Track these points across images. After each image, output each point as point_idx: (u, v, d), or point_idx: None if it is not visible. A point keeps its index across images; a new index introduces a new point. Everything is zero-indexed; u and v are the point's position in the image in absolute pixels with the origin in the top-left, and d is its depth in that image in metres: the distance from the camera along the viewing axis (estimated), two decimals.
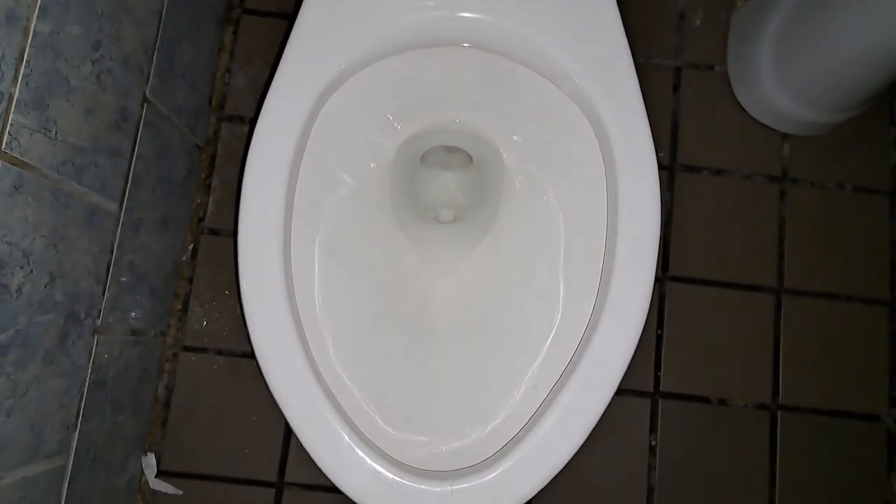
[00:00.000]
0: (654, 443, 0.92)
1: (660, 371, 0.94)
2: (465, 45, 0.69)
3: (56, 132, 0.58)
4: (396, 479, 0.57)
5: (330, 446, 0.57)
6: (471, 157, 0.79)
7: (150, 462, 0.87)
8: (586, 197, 0.68)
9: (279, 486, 0.89)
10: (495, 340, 0.69)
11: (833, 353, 0.95)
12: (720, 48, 1.02)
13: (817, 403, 0.94)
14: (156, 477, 0.87)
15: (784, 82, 0.92)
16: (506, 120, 0.73)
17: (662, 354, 0.94)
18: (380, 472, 0.57)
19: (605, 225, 0.67)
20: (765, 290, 0.96)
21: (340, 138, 0.69)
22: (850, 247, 0.98)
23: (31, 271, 0.57)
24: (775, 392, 0.94)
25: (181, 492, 0.87)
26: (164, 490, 0.87)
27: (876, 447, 0.93)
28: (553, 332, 0.66)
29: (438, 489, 0.57)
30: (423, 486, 0.57)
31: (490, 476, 0.57)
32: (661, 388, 0.94)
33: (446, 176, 0.81)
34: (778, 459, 0.92)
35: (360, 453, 0.57)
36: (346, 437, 0.57)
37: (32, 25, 0.53)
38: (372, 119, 0.71)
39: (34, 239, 0.57)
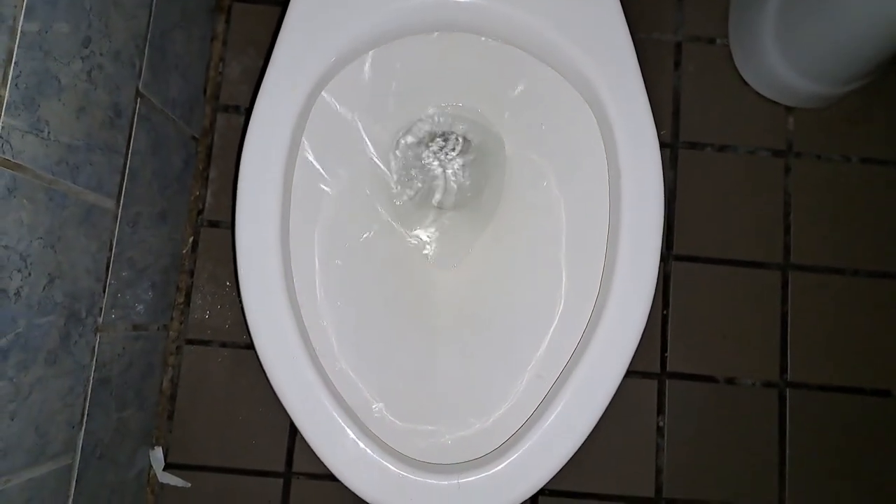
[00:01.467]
0: (661, 424, 0.92)
1: (666, 351, 0.94)
2: (461, 30, 0.68)
3: (48, 132, 0.57)
4: (402, 473, 0.57)
5: (335, 443, 0.57)
6: (470, 144, 0.78)
7: (157, 456, 0.88)
8: (588, 182, 0.67)
9: (287, 476, 0.89)
10: (498, 330, 0.69)
11: (841, 329, 0.94)
12: (721, 21, 1.00)
13: (826, 380, 0.93)
14: (164, 470, 0.88)
15: (787, 54, 0.91)
16: (504, 106, 0.72)
17: (668, 334, 0.94)
18: (385, 468, 0.57)
19: (607, 210, 0.66)
20: (771, 266, 0.95)
21: (336, 129, 0.68)
22: (858, 220, 0.97)
23: (30, 274, 0.56)
24: (783, 369, 0.94)
25: (189, 484, 0.88)
26: (172, 483, 0.87)
27: (887, 423, 0.93)
28: (556, 320, 0.65)
29: (445, 483, 0.57)
30: (429, 481, 0.57)
31: (496, 469, 0.57)
32: (667, 369, 0.93)
33: (445, 163, 0.80)
34: (787, 437, 0.92)
35: (366, 449, 0.57)
36: (351, 433, 0.57)
37: (19, 25, 0.52)
38: (368, 109, 0.70)
39: (31, 241, 0.56)
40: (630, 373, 0.92)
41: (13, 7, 0.51)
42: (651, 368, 0.93)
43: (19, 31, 0.52)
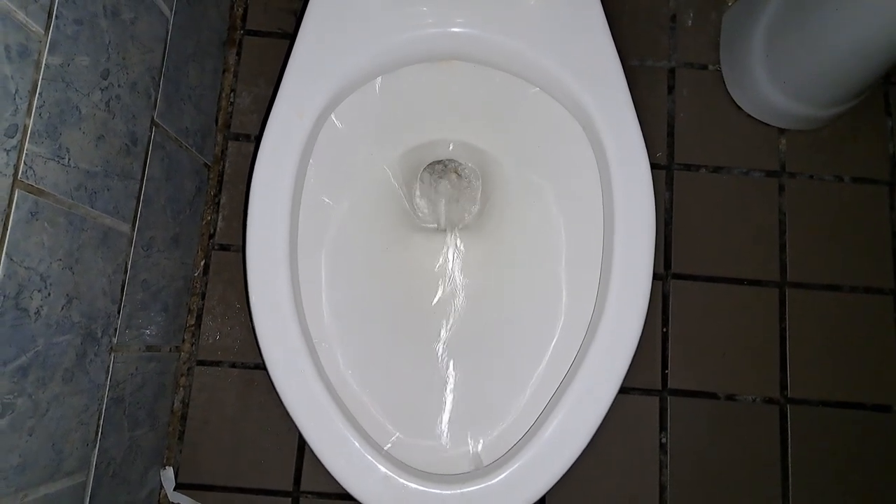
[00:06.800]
0: (664, 440, 0.93)
1: (667, 369, 0.95)
2: (460, 58, 0.71)
3: (69, 159, 0.60)
4: (407, 483, 0.58)
5: (341, 454, 0.59)
6: (470, 167, 0.81)
7: (168, 475, 0.89)
8: (584, 200, 0.70)
9: (295, 495, 0.91)
10: (501, 345, 0.71)
11: (840, 345, 0.96)
12: (713, 47, 1.03)
13: (826, 396, 0.94)
14: (174, 490, 0.89)
15: (777, 78, 0.93)
16: (501, 129, 0.74)
17: (669, 352, 0.95)
18: (390, 477, 0.58)
19: (603, 227, 0.68)
20: (768, 284, 0.97)
21: (342, 154, 0.71)
22: (852, 238, 0.99)
23: (49, 294, 0.59)
24: (783, 386, 0.95)
25: None
26: (182, 503, 0.89)
27: (888, 438, 0.94)
28: (556, 335, 0.67)
29: (448, 492, 0.58)
30: (433, 490, 0.58)
31: (498, 479, 0.59)
32: (668, 386, 0.94)
33: (446, 185, 0.82)
34: (789, 453, 0.93)
35: (371, 459, 0.59)
36: (357, 444, 0.59)
37: (44, 59, 0.55)
38: (373, 134, 0.73)
39: (51, 263, 0.59)
40: (632, 390, 0.94)
41: (38, 42, 0.54)
42: (652, 385, 0.94)
43: (44, 65, 0.55)
